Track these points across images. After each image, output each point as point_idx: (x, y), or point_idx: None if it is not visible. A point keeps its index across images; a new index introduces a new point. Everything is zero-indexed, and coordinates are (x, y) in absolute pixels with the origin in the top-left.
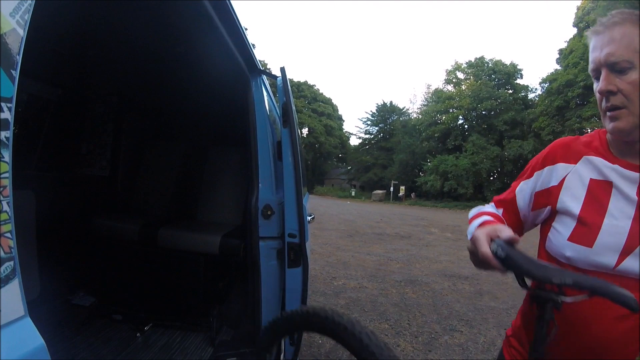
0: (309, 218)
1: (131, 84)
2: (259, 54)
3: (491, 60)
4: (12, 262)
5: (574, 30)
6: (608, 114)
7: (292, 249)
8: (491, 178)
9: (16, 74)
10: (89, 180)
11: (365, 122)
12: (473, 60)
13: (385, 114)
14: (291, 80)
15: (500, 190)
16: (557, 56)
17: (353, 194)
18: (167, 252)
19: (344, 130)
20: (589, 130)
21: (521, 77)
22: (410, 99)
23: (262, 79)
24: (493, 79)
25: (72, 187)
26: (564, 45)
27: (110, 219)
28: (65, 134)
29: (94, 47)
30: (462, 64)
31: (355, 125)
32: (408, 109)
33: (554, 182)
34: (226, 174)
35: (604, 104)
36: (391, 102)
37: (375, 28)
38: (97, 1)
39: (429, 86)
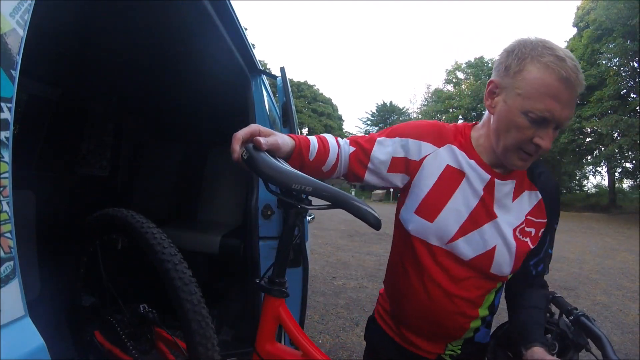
0: (309, 218)
1: (131, 84)
2: (259, 54)
3: (491, 60)
4: (12, 262)
5: (574, 30)
6: (523, 155)
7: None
8: None
9: (16, 74)
10: (89, 180)
11: (365, 122)
12: (473, 60)
13: (385, 114)
14: (291, 80)
15: None
16: None
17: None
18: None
19: (344, 130)
20: (589, 130)
21: None
22: (410, 99)
23: (262, 79)
24: None
25: (72, 187)
26: (564, 45)
27: None
28: (65, 134)
29: (94, 47)
30: (462, 64)
31: (355, 125)
32: (408, 109)
33: (415, 157)
34: (226, 174)
35: (527, 147)
36: (391, 102)
37: (375, 28)
38: (97, 1)
39: (428, 86)
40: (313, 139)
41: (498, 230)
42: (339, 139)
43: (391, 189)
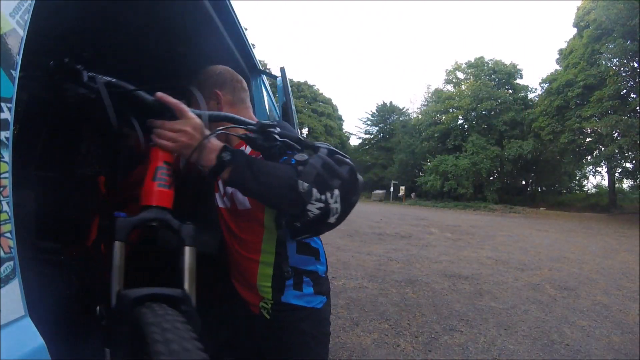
0: None
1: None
2: (259, 54)
3: (491, 60)
4: (12, 262)
5: (574, 30)
6: None
7: None
8: (491, 178)
9: (16, 74)
10: (89, 180)
11: (365, 122)
12: (473, 61)
13: (385, 114)
14: (291, 80)
15: (500, 190)
16: (557, 56)
17: None
18: (166, 252)
19: (344, 130)
20: (589, 130)
21: (521, 77)
22: (410, 99)
23: (262, 79)
24: (493, 79)
25: (72, 187)
26: (564, 45)
27: (109, 219)
28: (65, 134)
29: (94, 47)
30: (462, 64)
31: (355, 125)
32: (408, 109)
33: None
34: None
35: None
36: (391, 102)
37: (375, 28)
38: (97, 1)
39: (429, 86)
40: None
41: None
42: None
43: (391, 191)
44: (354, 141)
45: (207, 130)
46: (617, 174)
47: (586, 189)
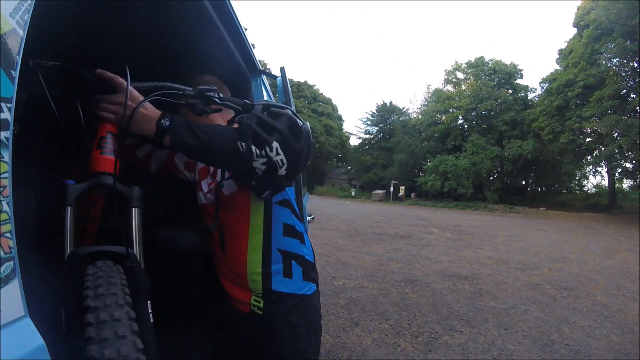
0: (309, 218)
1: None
2: (259, 54)
3: (491, 60)
4: (12, 262)
5: (574, 30)
6: None
7: None
8: (491, 178)
9: (16, 74)
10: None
11: (365, 122)
12: (473, 60)
13: (385, 114)
14: (291, 80)
15: (500, 190)
16: (557, 56)
17: (353, 193)
18: (166, 252)
19: (343, 130)
20: (589, 130)
21: (521, 77)
22: (410, 99)
23: (262, 79)
24: (493, 79)
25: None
26: (564, 45)
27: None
28: (65, 134)
29: (94, 47)
30: (461, 64)
31: (355, 125)
32: (408, 109)
33: None
34: None
35: None
36: (391, 102)
37: (375, 28)
38: (96, 1)
39: (429, 86)
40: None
41: None
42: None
43: (391, 191)
44: (354, 141)
45: (141, 98)
46: (617, 174)
47: (586, 189)
